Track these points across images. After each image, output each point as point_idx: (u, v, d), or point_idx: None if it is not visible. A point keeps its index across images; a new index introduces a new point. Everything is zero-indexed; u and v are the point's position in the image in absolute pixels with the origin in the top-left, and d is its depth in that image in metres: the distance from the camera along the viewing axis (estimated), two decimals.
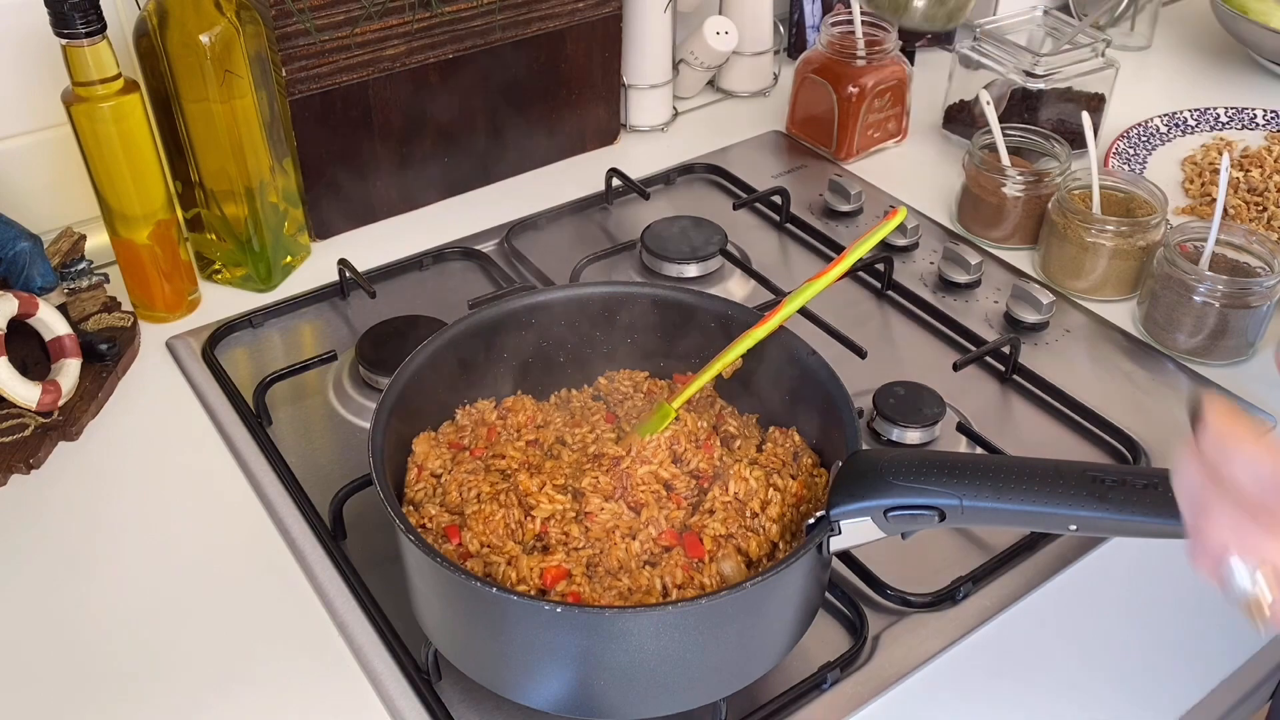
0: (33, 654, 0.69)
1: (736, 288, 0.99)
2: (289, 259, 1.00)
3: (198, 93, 0.86)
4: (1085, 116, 1.02)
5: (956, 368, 0.87)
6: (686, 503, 0.66)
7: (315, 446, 0.83)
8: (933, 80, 1.25)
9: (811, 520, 0.60)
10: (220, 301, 0.96)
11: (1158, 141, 1.21)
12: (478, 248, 1.03)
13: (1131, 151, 1.17)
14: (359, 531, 0.75)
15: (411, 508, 0.67)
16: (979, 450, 0.82)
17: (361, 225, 1.06)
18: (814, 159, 1.18)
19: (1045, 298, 0.93)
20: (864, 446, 0.63)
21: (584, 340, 0.76)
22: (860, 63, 1.12)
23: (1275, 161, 1.14)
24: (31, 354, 0.86)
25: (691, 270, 0.99)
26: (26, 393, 0.81)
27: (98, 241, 0.94)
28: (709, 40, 1.18)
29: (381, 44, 0.98)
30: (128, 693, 0.67)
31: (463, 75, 1.04)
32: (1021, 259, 1.03)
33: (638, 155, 1.18)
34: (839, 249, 1.03)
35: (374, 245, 1.02)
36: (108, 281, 0.93)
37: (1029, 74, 1.13)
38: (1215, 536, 0.45)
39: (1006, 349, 0.89)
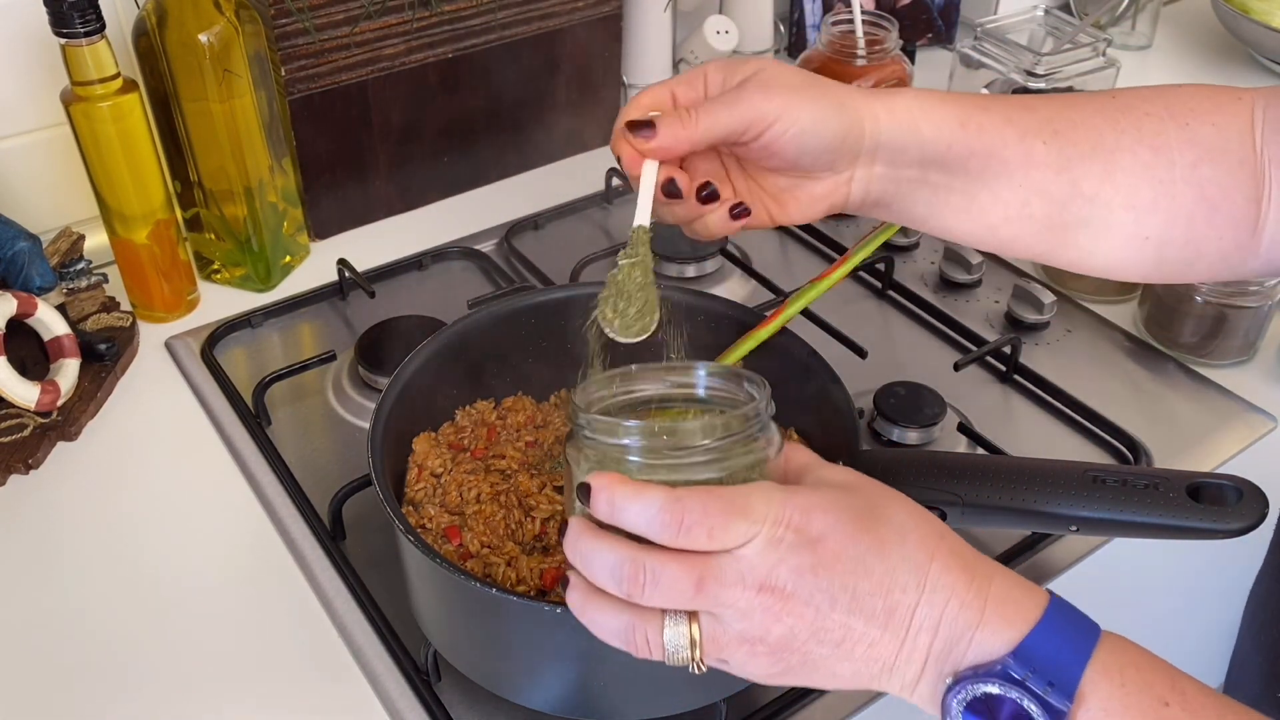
0: (31, 654, 0.68)
1: (737, 288, 0.99)
2: (288, 259, 1.00)
3: (197, 92, 0.86)
4: None
5: (957, 368, 0.87)
6: None
7: (314, 447, 0.83)
8: (933, 79, 1.24)
9: None
10: (219, 301, 0.96)
11: None
12: (477, 248, 1.02)
13: None
14: (358, 532, 0.75)
15: (411, 508, 0.67)
16: (979, 450, 0.81)
17: (361, 225, 1.06)
18: None
19: (1046, 297, 0.93)
20: (864, 447, 0.63)
21: (584, 340, 0.76)
22: (861, 62, 1.11)
23: None
24: (30, 354, 0.85)
25: (691, 270, 0.99)
26: (25, 393, 0.81)
27: (97, 241, 0.94)
28: (709, 39, 1.18)
29: (380, 43, 0.97)
30: (126, 693, 0.66)
31: (462, 74, 1.03)
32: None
33: None
34: (840, 249, 1.03)
35: (373, 245, 1.02)
36: (106, 281, 0.93)
37: (1030, 73, 1.13)
38: (651, 600, 0.46)
39: (1007, 349, 0.89)
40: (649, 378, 0.55)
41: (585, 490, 0.47)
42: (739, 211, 0.59)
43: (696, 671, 0.47)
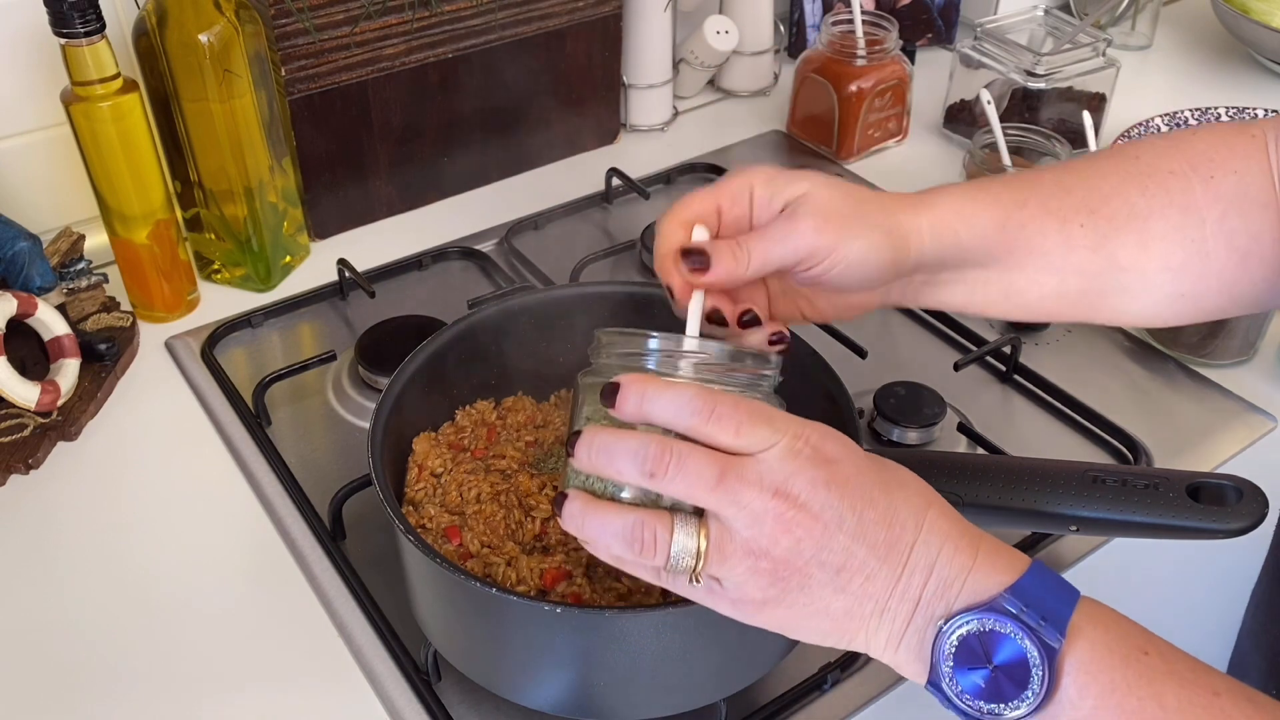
0: (30, 653, 0.69)
1: None
2: (288, 259, 1.00)
3: (197, 92, 0.86)
4: (1086, 116, 1.03)
5: (957, 368, 0.87)
6: None
7: (314, 447, 0.83)
8: (933, 79, 1.24)
9: None
10: (219, 301, 0.96)
11: None
12: (477, 247, 1.02)
13: None
14: (358, 532, 0.75)
15: (411, 508, 0.67)
16: (979, 450, 0.81)
17: (361, 225, 1.06)
18: (814, 158, 1.18)
19: None
20: (864, 447, 0.63)
21: (584, 340, 0.76)
22: (861, 62, 1.11)
23: None
24: (30, 354, 0.85)
25: None
26: (25, 393, 0.81)
27: (97, 241, 0.94)
28: (709, 39, 1.18)
29: (381, 43, 0.97)
30: (126, 693, 0.66)
31: (462, 74, 1.03)
32: None
33: (638, 155, 1.17)
34: None
35: (373, 245, 1.02)
36: (107, 281, 0.93)
37: (1030, 73, 1.13)
38: (672, 485, 0.47)
39: (1007, 349, 0.89)
40: (666, 345, 0.56)
41: (612, 390, 0.49)
42: (776, 339, 0.59)
43: (692, 585, 0.48)
